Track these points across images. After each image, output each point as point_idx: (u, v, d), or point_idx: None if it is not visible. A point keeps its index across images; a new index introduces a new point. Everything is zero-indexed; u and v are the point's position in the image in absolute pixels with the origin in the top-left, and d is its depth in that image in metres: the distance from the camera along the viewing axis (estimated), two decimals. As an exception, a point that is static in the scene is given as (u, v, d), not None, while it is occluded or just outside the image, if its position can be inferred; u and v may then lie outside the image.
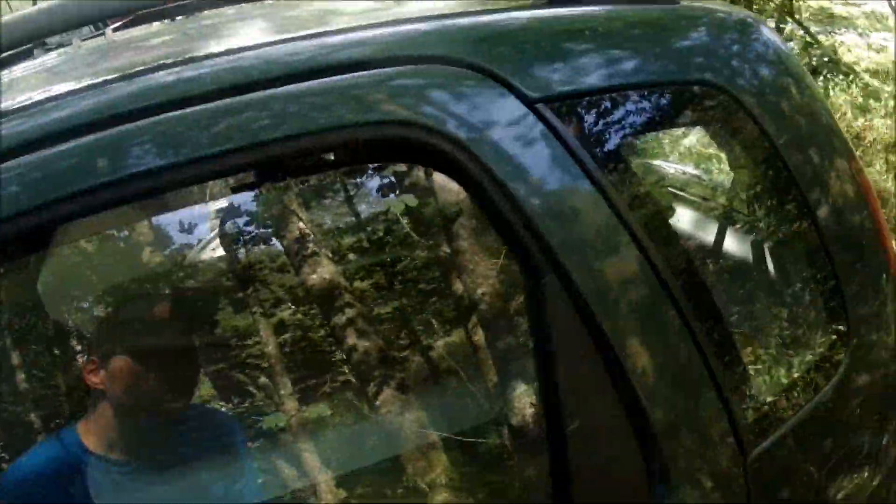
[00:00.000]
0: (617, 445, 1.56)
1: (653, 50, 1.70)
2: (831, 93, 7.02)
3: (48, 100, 1.46)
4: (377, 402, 1.91)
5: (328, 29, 1.59)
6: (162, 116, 1.41)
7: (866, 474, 1.93)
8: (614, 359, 1.51)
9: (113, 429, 1.84)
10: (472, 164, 1.46)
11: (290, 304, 2.07)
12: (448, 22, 1.62)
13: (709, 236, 2.00)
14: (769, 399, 1.77)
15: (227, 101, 1.43)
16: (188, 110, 1.42)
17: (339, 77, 1.47)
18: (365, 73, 1.48)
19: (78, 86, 1.49)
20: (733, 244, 2.00)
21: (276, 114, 1.43)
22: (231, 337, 1.94)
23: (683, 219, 1.90)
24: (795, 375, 1.84)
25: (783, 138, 1.74)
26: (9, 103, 1.48)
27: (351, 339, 1.93)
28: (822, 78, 7.47)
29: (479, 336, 1.92)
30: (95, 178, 1.37)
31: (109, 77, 1.49)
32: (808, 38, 8.06)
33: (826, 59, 8.00)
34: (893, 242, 1.96)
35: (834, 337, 1.85)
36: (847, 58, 8.47)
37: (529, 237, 1.48)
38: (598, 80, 1.62)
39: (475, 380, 1.94)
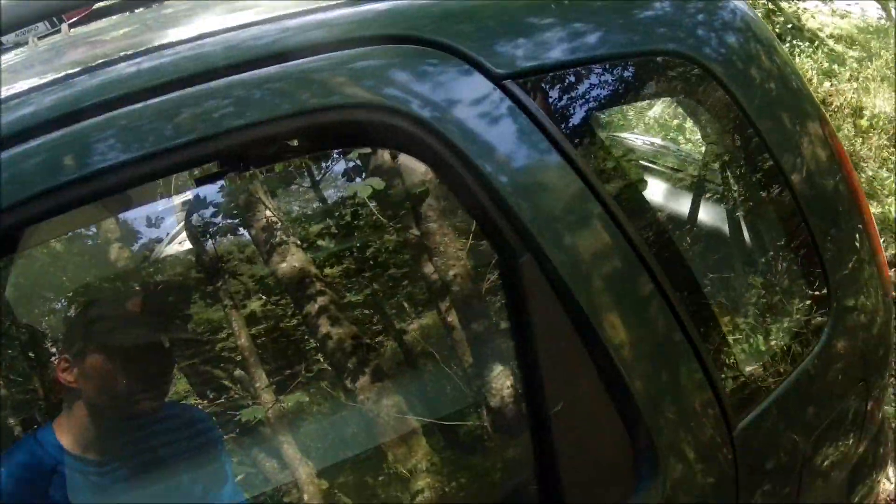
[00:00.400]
0: (600, 423, 1.54)
1: (618, 21, 1.68)
2: (797, 59, 7.06)
3: (8, 98, 1.41)
4: (355, 390, 1.89)
5: (289, 12, 1.55)
6: (125, 109, 1.37)
7: (851, 441, 1.93)
8: (594, 336, 1.49)
9: (88, 428, 1.82)
10: (441, 145, 1.43)
11: (261, 295, 2.04)
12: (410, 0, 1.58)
13: (682, 207, 1.99)
14: (753, 370, 1.77)
15: (190, 90, 1.39)
16: (151, 102, 1.38)
17: (302, 60, 1.43)
18: (329, 55, 1.44)
19: (39, 82, 1.45)
20: (709, 214, 1.99)
21: (238, 101, 1.39)
22: (204, 331, 1.91)
23: (656, 190, 1.89)
24: (778, 344, 1.84)
25: (753, 105, 1.73)
26: None
27: (324, 327, 1.91)
28: (787, 45, 7.50)
29: (454, 318, 1.90)
30: (61, 176, 1.33)
31: (70, 72, 1.45)
32: (771, 6, 8.08)
33: (789, 25, 8.02)
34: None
35: (814, 303, 1.84)
36: (811, 24, 8.51)
37: (502, 217, 1.45)
38: (565, 55, 1.59)
39: (451, 363, 1.92)
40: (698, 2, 1.78)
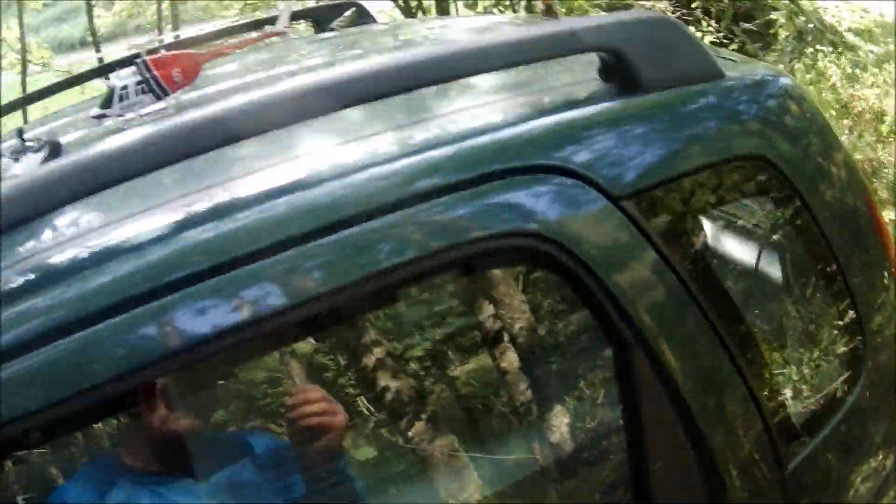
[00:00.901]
0: (686, 480, 1.73)
1: (710, 129, 1.83)
2: (820, 63, 7.07)
3: (88, 263, 1.42)
4: (418, 437, 1.92)
5: (420, 146, 1.62)
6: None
7: (881, 457, 2.04)
8: (689, 415, 1.67)
9: (148, 444, 1.87)
10: (573, 262, 1.58)
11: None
12: (526, 126, 1.68)
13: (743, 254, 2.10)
14: (805, 412, 1.93)
15: (344, 233, 1.47)
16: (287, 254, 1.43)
17: (444, 198, 1.54)
18: (468, 191, 1.55)
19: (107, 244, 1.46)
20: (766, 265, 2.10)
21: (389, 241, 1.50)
22: (262, 380, 1.94)
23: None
24: (824, 384, 1.96)
25: (799, 173, 1.88)
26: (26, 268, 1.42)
27: (384, 380, 1.92)
28: (810, 49, 7.50)
29: (515, 364, 1.95)
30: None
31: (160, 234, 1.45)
32: (793, 6, 8.08)
33: (810, 25, 8.02)
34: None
35: (850, 337, 1.98)
36: (829, 19, 8.49)
37: (619, 318, 1.61)
38: (668, 169, 1.74)
39: (512, 407, 1.99)
40: (773, 100, 1.93)
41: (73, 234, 1.51)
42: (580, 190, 1.62)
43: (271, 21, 3.17)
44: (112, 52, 13.92)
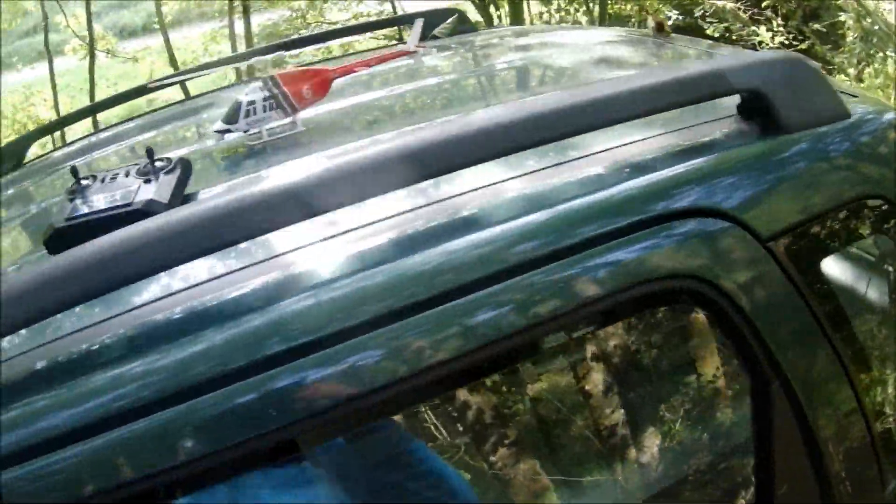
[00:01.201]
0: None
1: (841, 170, 1.85)
2: (889, 67, 7.05)
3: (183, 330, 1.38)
4: (511, 462, 1.94)
5: (574, 192, 1.63)
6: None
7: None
8: (813, 440, 1.72)
9: None
10: (727, 302, 1.63)
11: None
12: (676, 169, 1.70)
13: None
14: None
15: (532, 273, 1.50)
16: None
17: (599, 247, 1.56)
18: (632, 235, 1.59)
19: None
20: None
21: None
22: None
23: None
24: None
25: None
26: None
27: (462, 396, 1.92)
28: (881, 54, 7.48)
29: (605, 387, 1.98)
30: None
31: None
32: (859, 7, 8.05)
33: (876, 27, 7.99)
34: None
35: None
36: (890, 18, 8.45)
37: (762, 354, 1.66)
38: (808, 209, 1.76)
39: (600, 429, 2.02)
40: (870, 129, 1.94)
41: (163, 295, 1.49)
42: (733, 232, 1.66)
43: (391, 23, 3.15)
44: (175, 39, 14.13)
